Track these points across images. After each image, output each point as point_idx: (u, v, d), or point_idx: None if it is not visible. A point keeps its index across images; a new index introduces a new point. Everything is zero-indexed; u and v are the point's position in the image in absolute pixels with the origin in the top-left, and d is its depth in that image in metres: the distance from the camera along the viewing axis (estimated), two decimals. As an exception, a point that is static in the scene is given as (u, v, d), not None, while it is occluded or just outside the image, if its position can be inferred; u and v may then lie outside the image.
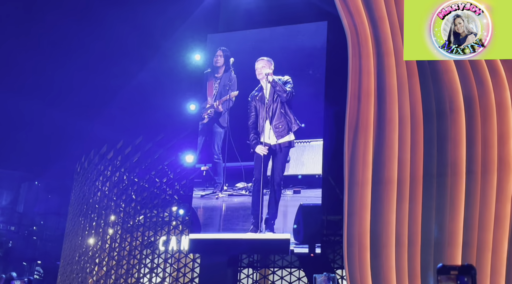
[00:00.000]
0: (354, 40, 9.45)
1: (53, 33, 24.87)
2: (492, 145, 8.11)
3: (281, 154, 11.40)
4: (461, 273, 2.80)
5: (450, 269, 2.84)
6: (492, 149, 8.10)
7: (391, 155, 8.79)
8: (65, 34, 24.93)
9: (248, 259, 13.00)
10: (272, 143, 11.45)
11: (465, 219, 8.06)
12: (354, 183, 9.06)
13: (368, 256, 8.69)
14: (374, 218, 8.74)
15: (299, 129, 11.39)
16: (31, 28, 24.02)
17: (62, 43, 25.20)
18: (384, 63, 9.11)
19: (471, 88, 8.35)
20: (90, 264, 16.30)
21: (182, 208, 14.56)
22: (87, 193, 18.11)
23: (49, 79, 28.08)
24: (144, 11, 19.79)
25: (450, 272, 2.82)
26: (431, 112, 8.61)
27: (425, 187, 8.43)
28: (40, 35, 24.44)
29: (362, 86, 9.25)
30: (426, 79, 8.72)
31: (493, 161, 8.07)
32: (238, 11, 13.44)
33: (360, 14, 9.33)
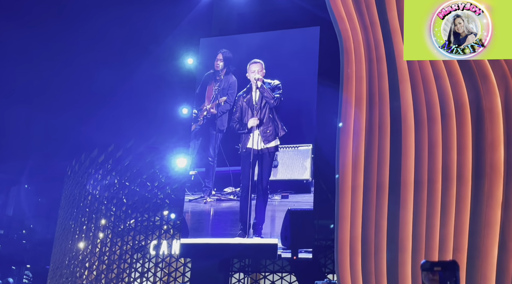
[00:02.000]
0: (346, 45, 9.48)
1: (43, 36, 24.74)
2: (482, 150, 8.16)
3: (268, 159, 11.45)
4: (444, 268, 2.83)
5: (434, 265, 2.86)
6: (482, 154, 8.15)
7: (383, 160, 8.82)
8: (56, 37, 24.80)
9: (239, 264, 12.98)
10: (259, 148, 11.48)
11: (456, 224, 8.10)
12: (345, 188, 9.07)
13: (359, 261, 8.70)
14: (366, 223, 8.75)
15: (288, 134, 11.43)
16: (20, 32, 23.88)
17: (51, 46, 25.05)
18: (376, 68, 9.15)
19: (462, 94, 8.40)
20: (80, 268, 16.19)
21: (173, 212, 14.52)
22: (78, 196, 18.00)
23: (39, 82, 27.92)
24: (136, 15, 19.76)
25: (433, 268, 2.85)
26: (422, 117, 8.64)
27: (416, 192, 8.46)
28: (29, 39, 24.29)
29: (354, 91, 9.29)
30: (417, 85, 8.76)
31: (484, 166, 8.11)
32: (231, 16, 13.46)
33: (353, 20, 9.37)
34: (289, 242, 10.88)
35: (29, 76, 28.17)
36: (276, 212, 11.25)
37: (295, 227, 10.89)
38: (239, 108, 11.86)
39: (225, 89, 12.37)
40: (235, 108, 11.91)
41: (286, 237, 10.92)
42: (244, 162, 11.56)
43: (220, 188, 11.91)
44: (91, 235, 16.20)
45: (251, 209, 11.29)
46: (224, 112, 12.24)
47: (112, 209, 15.96)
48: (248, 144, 11.58)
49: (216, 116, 12.31)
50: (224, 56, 12.54)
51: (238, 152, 11.68)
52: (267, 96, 11.52)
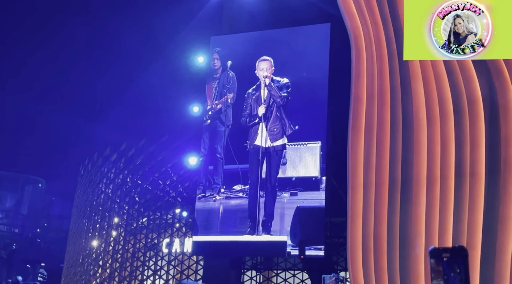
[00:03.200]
0: (357, 42, 9.44)
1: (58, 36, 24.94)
2: (496, 146, 8.09)
3: (276, 157, 11.44)
4: (453, 255, 2.77)
5: (442, 252, 2.80)
6: (496, 150, 8.08)
7: (395, 156, 8.78)
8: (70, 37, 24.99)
9: (251, 261, 12.99)
10: (267, 146, 11.48)
11: (469, 221, 8.04)
12: (357, 185, 9.04)
13: (372, 258, 8.67)
14: (378, 220, 8.72)
15: (297, 131, 11.41)
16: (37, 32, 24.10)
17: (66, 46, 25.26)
18: (387, 65, 9.10)
19: (474, 90, 8.34)
20: (93, 266, 16.31)
21: (185, 210, 14.57)
22: (91, 195, 18.13)
23: (53, 81, 28.16)
24: (148, 14, 19.84)
25: (442, 255, 2.79)
26: (434, 114, 8.59)
27: (429, 189, 8.41)
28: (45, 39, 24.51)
29: (366, 88, 9.25)
30: (429, 81, 8.71)
31: (497, 162, 8.04)
32: (241, 13, 13.45)
33: (363, 16, 9.33)
34: (298, 239, 10.87)
35: (43, 77, 28.44)
36: (285, 209, 11.24)
37: (304, 224, 10.87)
38: (248, 105, 11.88)
39: (225, 85, 12.39)
40: (245, 106, 11.92)
41: (295, 234, 10.91)
42: (252, 159, 11.57)
43: (229, 185, 11.93)
44: (104, 233, 16.32)
45: (260, 206, 11.30)
46: (228, 106, 12.26)
47: (125, 207, 16.05)
48: (256, 141, 11.58)
49: (222, 111, 12.32)
50: (219, 55, 12.59)
51: (246, 149, 11.69)
52: (274, 95, 11.52)
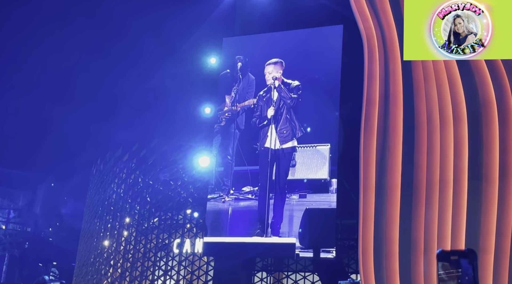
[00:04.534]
0: (370, 43, 9.40)
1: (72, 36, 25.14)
2: (510, 149, 8.01)
3: (285, 159, 11.44)
4: (461, 258, 2.72)
5: (450, 255, 2.75)
6: (510, 153, 8.00)
7: (408, 159, 8.73)
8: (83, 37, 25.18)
9: (262, 263, 12.98)
10: (276, 148, 11.48)
11: (483, 225, 7.96)
12: (369, 187, 9.00)
13: (384, 261, 8.62)
14: (390, 223, 8.67)
15: (307, 133, 11.39)
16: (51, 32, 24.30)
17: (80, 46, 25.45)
18: (400, 67, 9.05)
19: (488, 92, 8.26)
20: (105, 265, 16.40)
21: (196, 211, 14.60)
22: (103, 195, 18.24)
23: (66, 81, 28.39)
24: (161, 15, 19.92)
25: (450, 258, 2.74)
26: (448, 116, 8.53)
27: (442, 192, 8.35)
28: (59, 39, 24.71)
29: (378, 90, 9.20)
30: (442, 84, 8.64)
31: (511, 166, 7.96)
32: (253, 15, 13.45)
33: (377, 17, 9.29)
34: (307, 241, 10.84)
35: (56, 76, 28.64)
36: (294, 211, 11.23)
37: (313, 226, 10.85)
38: (259, 107, 11.90)
39: (245, 88, 12.38)
40: (256, 107, 11.95)
41: (304, 236, 10.89)
42: (262, 161, 11.57)
43: (239, 187, 11.94)
44: (116, 233, 16.41)
45: (269, 208, 11.30)
46: (245, 110, 12.27)
47: (136, 207, 16.13)
48: (266, 143, 11.58)
49: (238, 114, 12.33)
50: (242, 62, 12.57)
51: (256, 151, 11.69)
52: (284, 96, 11.51)
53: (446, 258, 2.75)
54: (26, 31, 28.44)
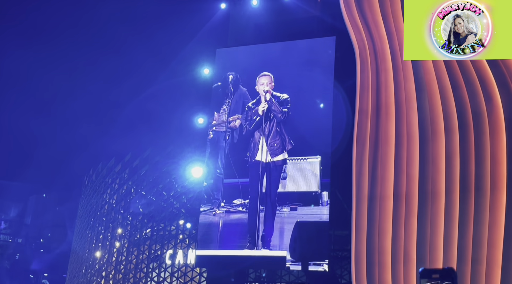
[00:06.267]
0: (362, 55, 9.48)
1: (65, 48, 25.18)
2: (501, 161, 8.07)
3: (275, 172, 11.43)
4: (442, 276, 2.79)
5: (432, 273, 2.83)
6: (501, 165, 8.05)
7: (400, 170, 8.76)
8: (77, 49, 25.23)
9: (255, 274, 12.93)
10: (267, 161, 11.47)
11: (474, 235, 7.99)
12: (362, 198, 9.02)
13: (376, 272, 8.63)
14: (382, 234, 8.68)
15: (297, 146, 11.39)
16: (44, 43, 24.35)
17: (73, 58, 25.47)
18: (392, 78, 9.12)
19: (480, 104, 8.34)
20: (96, 277, 16.27)
21: (189, 222, 14.55)
22: (95, 205, 18.14)
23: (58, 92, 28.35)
24: (154, 27, 20.02)
25: (432, 276, 2.81)
26: (439, 128, 8.59)
27: (433, 203, 8.38)
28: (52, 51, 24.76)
29: (370, 101, 9.26)
30: (434, 95, 8.72)
31: (502, 177, 8.01)
32: (247, 26, 13.51)
33: (368, 30, 9.38)
34: (298, 254, 10.80)
35: (49, 88, 28.64)
36: (285, 224, 11.18)
37: (303, 238, 10.82)
38: (248, 116, 11.91)
39: (238, 102, 12.40)
40: (245, 118, 11.96)
41: (295, 249, 10.85)
42: (253, 173, 11.53)
43: (229, 199, 11.89)
44: (108, 244, 16.29)
45: (260, 221, 11.26)
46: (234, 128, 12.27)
47: (129, 218, 16.04)
48: (256, 155, 11.58)
49: (231, 130, 12.30)
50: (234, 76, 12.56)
51: (247, 164, 11.66)
52: (275, 110, 11.54)
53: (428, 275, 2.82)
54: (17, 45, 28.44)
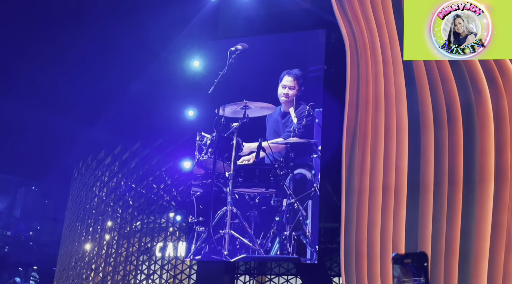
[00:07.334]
0: (352, 48, 9.49)
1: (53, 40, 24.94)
2: (489, 153, 8.14)
3: None
4: (414, 261, 2.78)
5: (404, 258, 2.81)
6: (489, 157, 8.13)
7: (389, 162, 8.81)
8: (65, 41, 25.00)
9: (245, 266, 12.97)
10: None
11: (462, 227, 8.07)
12: (351, 190, 9.07)
13: (365, 264, 8.69)
14: (372, 226, 8.74)
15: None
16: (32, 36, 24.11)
17: (61, 50, 25.25)
18: (382, 71, 9.14)
19: (469, 97, 8.40)
20: (86, 270, 16.24)
21: (179, 214, 14.54)
22: (84, 198, 18.06)
23: (47, 84, 28.10)
24: (143, 18, 19.87)
25: (404, 261, 2.80)
26: (428, 120, 8.64)
27: (422, 195, 8.45)
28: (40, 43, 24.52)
29: (360, 94, 9.29)
30: (424, 88, 8.75)
31: (491, 170, 8.09)
32: (237, 19, 13.46)
33: (359, 23, 9.38)
34: None
35: (38, 80, 28.39)
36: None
37: None
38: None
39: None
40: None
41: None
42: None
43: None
44: (98, 236, 16.25)
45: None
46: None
47: (119, 211, 15.99)
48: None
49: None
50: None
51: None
52: None
53: (400, 261, 2.79)
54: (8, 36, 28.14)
